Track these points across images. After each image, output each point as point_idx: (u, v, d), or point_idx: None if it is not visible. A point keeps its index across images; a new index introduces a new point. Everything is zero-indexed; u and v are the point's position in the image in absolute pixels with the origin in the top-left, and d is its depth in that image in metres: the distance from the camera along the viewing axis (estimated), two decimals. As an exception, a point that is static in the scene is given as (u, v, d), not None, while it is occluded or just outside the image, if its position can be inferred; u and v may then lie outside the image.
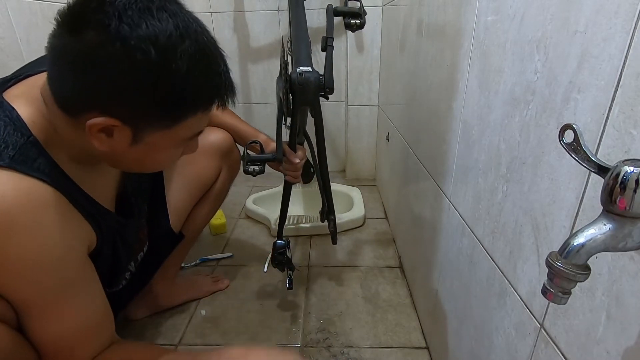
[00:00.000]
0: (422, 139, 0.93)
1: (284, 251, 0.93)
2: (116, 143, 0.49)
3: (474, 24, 0.59)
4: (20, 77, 0.55)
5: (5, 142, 0.47)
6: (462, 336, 0.67)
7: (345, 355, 0.87)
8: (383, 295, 1.06)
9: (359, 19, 1.01)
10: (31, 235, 0.48)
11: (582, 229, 0.26)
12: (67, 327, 0.54)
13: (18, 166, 0.47)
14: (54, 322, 0.53)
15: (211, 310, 1.02)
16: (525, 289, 0.46)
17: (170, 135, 0.51)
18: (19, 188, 0.46)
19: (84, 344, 0.57)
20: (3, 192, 0.45)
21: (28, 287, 0.50)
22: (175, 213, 0.90)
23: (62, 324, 0.54)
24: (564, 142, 0.29)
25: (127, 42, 0.42)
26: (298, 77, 0.75)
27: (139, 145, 0.51)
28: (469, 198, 0.62)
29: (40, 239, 0.48)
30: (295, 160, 0.86)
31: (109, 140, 0.49)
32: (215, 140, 0.93)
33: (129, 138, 0.49)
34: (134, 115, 0.48)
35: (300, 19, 0.91)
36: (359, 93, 1.65)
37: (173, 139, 0.53)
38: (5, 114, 0.49)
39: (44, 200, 0.49)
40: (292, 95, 0.77)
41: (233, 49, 1.68)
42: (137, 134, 0.49)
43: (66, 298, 0.53)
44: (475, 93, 0.59)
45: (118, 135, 0.49)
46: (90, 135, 0.48)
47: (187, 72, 0.46)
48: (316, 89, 0.77)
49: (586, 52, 0.35)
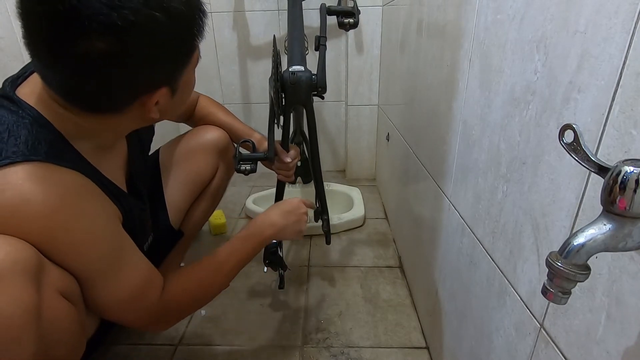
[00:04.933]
0: (422, 139, 0.93)
1: (275, 250, 0.93)
2: (164, 105, 0.55)
3: (474, 23, 0.59)
4: (26, 73, 0.56)
5: (37, 139, 0.50)
6: (462, 336, 0.67)
7: (345, 355, 0.87)
8: (383, 295, 1.06)
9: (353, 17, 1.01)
10: (80, 214, 0.52)
11: (582, 229, 0.26)
12: (133, 278, 0.59)
13: (52, 160, 0.51)
14: (120, 280, 0.58)
15: (211, 310, 1.02)
16: (525, 289, 0.46)
17: (192, 65, 0.57)
18: (59, 178, 0.51)
19: (149, 288, 0.62)
20: (49, 183, 0.49)
21: (89, 257, 0.54)
22: (174, 210, 0.90)
23: (128, 279, 0.58)
24: (564, 142, 0.29)
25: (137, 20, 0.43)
26: (290, 76, 0.76)
27: (177, 92, 0.57)
28: (469, 198, 0.62)
29: (87, 216, 0.53)
30: (286, 160, 0.86)
31: (156, 107, 0.54)
32: (212, 138, 0.93)
33: (169, 93, 0.55)
34: (172, 74, 0.53)
35: (296, 18, 0.91)
36: (359, 93, 1.65)
37: (193, 66, 0.58)
38: (27, 113, 0.51)
39: (79, 184, 0.54)
40: (284, 94, 0.77)
41: (233, 49, 1.68)
42: (174, 86, 0.55)
43: (122, 257, 0.58)
44: (476, 93, 0.59)
45: (162, 98, 0.54)
46: (148, 113, 0.54)
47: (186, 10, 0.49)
48: (308, 88, 0.77)
49: (586, 52, 0.35)
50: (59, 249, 0.51)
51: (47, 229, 0.49)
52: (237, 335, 0.94)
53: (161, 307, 0.63)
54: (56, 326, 0.51)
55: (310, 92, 0.79)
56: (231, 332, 0.95)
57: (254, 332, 0.94)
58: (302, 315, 1.00)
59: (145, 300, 0.61)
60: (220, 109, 0.98)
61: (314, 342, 0.91)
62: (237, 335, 0.94)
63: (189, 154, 0.92)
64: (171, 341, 0.92)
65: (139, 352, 0.90)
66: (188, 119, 0.97)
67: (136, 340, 0.93)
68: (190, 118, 0.96)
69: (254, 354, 0.89)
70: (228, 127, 0.96)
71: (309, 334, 0.94)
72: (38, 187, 0.48)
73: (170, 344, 0.92)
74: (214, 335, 0.94)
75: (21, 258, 0.46)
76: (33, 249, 0.48)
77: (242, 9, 1.61)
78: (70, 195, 0.51)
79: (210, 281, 0.70)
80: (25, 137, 0.49)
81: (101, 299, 0.57)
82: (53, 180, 0.50)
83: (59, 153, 0.52)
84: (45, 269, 0.50)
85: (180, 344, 0.92)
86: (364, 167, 1.81)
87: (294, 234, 0.80)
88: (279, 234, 0.77)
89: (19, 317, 0.45)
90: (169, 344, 0.91)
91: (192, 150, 0.92)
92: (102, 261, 0.55)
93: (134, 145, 0.75)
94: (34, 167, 0.48)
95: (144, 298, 0.61)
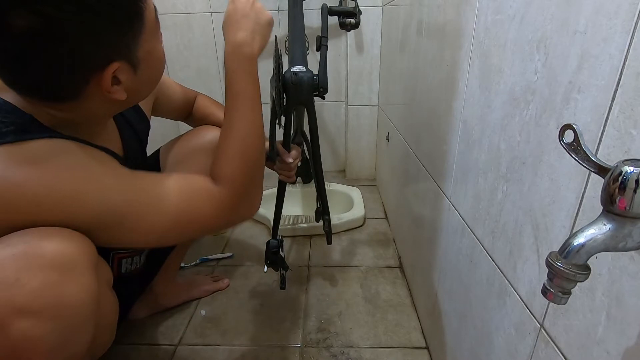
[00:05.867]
0: (422, 139, 0.93)
1: (277, 250, 0.93)
2: (126, 83, 0.52)
3: (474, 24, 0.59)
4: None
5: (4, 123, 0.48)
6: (462, 336, 0.67)
7: (345, 355, 0.87)
8: (383, 295, 1.06)
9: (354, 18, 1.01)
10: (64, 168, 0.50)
11: (582, 229, 0.26)
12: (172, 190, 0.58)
13: (23, 137, 0.48)
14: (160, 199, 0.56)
15: (211, 310, 1.02)
16: (525, 289, 0.46)
17: (149, 33, 0.53)
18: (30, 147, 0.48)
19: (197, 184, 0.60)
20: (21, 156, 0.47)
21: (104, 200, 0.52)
22: None
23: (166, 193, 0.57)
24: (564, 142, 0.29)
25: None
26: (292, 77, 0.76)
27: (140, 66, 0.53)
28: (469, 198, 0.62)
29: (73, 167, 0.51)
30: (288, 160, 0.86)
31: (120, 86, 0.52)
32: (212, 138, 0.93)
33: (130, 69, 0.52)
34: (119, 46, 0.49)
35: (297, 18, 0.91)
36: (359, 93, 1.65)
37: (151, 34, 0.54)
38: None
39: (56, 145, 0.51)
40: (286, 94, 0.77)
41: (233, 49, 1.68)
42: (132, 59, 0.52)
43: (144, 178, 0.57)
44: (475, 93, 0.59)
45: (123, 75, 0.51)
46: (110, 94, 0.51)
47: None
48: (310, 89, 0.77)
49: (586, 52, 0.35)
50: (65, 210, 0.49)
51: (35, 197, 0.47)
52: (237, 335, 0.94)
53: (223, 200, 0.61)
54: (106, 314, 0.56)
55: (312, 93, 0.79)
56: (231, 332, 0.95)
57: (254, 332, 0.94)
58: (302, 315, 1.00)
59: (200, 208, 0.59)
60: (221, 108, 0.98)
61: (314, 342, 0.91)
62: (237, 335, 0.94)
63: (189, 154, 0.92)
64: (171, 341, 0.92)
65: (139, 352, 0.90)
66: (186, 117, 0.96)
67: (136, 340, 0.93)
68: (189, 117, 0.96)
69: (254, 354, 0.89)
70: None
71: (309, 334, 0.94)
72: (7, 163, 0.46)
73: (170, 344, 0.92)
74: (214, 335, 0.94)
75: (87, 249, 0.50)
76: (90, 241, 0.51)
77: (242, 9, 1.61)
78: (41, 156, 0.49)
79: (243, 142, 0.63)
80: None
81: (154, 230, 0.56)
82: (22, 151, 0.48)
83: (31, 131, 0.50)
84: (99, 260, 0.53)
85: (180, 344, 0.92)
86: (364, 167, 1.81)
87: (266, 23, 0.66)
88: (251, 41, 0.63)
89: (88, 304, 0.49)
90: (169, 344, 0.91)
91: (192, 150, 0.92)
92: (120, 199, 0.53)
93: (128, 136, 0.74)
94: (3, 149, 0.47)
95: (197, 206, 0.59)
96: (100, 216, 0.52)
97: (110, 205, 0.52)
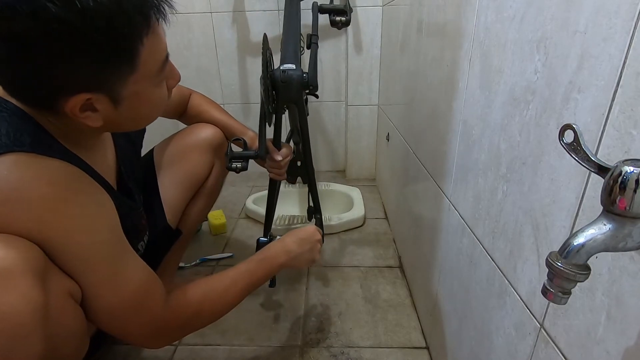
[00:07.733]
0: (422, 139, 0.93)
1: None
2: (104, 113, 0.51)
3: (474, 24, 0.59)
4: None
5: (19, 131, 0.48)
6: (462, 336, 0.67)
7: (345, 355, 0.87)
8: (383, 295, 1.06)
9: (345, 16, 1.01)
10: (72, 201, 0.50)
11: (582, 229, 0.26)
12: (133, 282, 0.57)
13: (38, 150, 0.49)
14: (119, 281, 0.55)
15: (211, 310, 1.02)
16: (525, 289, 0.46)
17: (142, 76, 0.51)
18: (47, 165, 0.49)
19: (151, 295, 0.60)
20: (37, 171, 0.48)
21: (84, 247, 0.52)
22: (170, 209, 0.90)
23: (127, 282, 0.56)
24: (564, 142, 0.29)
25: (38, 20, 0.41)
26: (281, 75, 0.75)
27: (124, 103, 0.52)
28: (469, 198, 0.62)
29: (79, 203, 0.51)
30: (277, 158, 0.86)
31: (96, 114, 0.51)
32: (206, 136, 0.93)
33: (109, 102, 0.51)
34: (96, 79, 0.48)
35: (292, 17, 0.91)
36: (359, 93, 1.65)
37: (146, 78, 0.52)
38: (3, 106, 0.50)
39: (68, 172, 0.52)
40: (276, 92, 0.77)
41: (232, 49, 1.68)
42: (112, 94, 0.50)
43: (121, 256, 0.56)
44: (476, 93, 0.59)
45: (100, 106, 0.50)
46: (78, 117, 0.49)
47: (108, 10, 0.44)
48: (299, 87, 0.77)
49: (586, 52, 0.35)
50: (53, 238, 0.49)
51: (38, 216, 0.48)
52: (237, 335, 0.94)
53: (164, 319, 0.61)
54: (63, 326, 0.51)
55: (302, 91, 0.79)
56: (231, 332, 0.95)
57: (254, 332, 0.94)
58: (302, 315, 0.99)
59: (147, 309, 0.59)
60: (214, 106, 0.98)
61: (314, 342, 0.91)
62: (237, 335, 0.94)
63: (183, 152, 0.92)
64: (171, 341, 0.92)
65: (139, 352, 0.90)
66: (180, 115, 0.96)
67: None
68: (183, 115, 0.96)
69: (254, 354, 0.89)
70: (222, 124, 0.95)
71: (308, 334, 0.94)
72: (25, 174, 0.47)
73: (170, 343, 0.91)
74: (214, 335, 0.94)
75: (31, 257, 0.46)
76: (39, 249, 0.48)
77: (242, 9, 1.61)
78: (59, 182, 0.50)
79: (217, 298, 0.68)
80: (5, 129, 0.48)
81: (101, 303, 0.55)
82: (40, 168, 0.48)
83: (44, 144, 0.50)
84: (52, 268, 0.49)
85: (180, 344, 0.91)
86: (364, 167, 1.81)
87: (307, 262, 0.80)
88: (292, 261, 0.77)
89: (29, 315, 0.45)
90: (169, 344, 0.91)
91: (186, 148, 0.92)
92: (98, 255, 0.53)
93: (123, 144, 0.74)
94: (20, 157, 0.47)
95: (146, 307, 0.58)
96: (76, 260, 0.51)
97: (91, 256, 0.52)
